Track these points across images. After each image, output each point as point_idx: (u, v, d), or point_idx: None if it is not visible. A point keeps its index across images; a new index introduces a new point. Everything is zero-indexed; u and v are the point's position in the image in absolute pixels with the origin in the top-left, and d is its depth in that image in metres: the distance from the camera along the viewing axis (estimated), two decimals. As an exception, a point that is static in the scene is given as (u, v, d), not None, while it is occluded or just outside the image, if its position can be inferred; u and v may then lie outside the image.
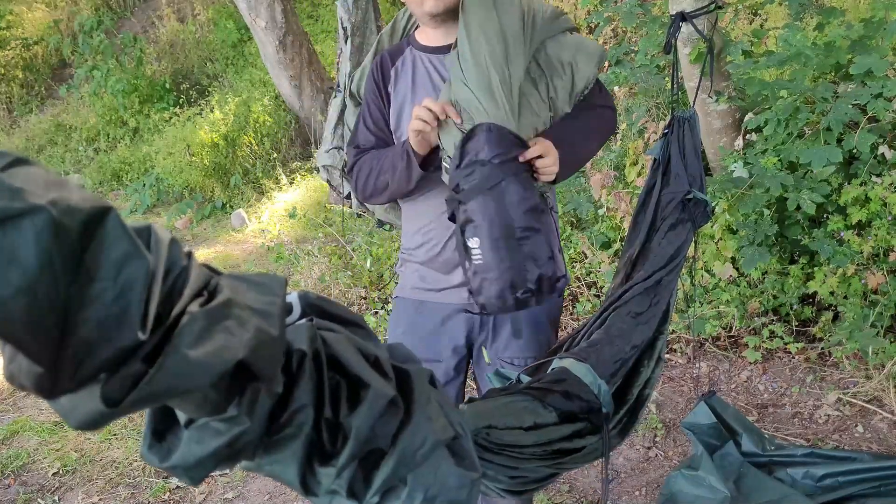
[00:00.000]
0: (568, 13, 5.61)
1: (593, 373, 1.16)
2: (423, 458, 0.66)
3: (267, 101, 7.14)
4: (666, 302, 1.33)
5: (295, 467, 0.61)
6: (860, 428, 2.59)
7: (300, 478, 0.62)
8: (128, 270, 0.43)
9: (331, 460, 0.62)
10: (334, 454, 0.62)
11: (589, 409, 1.12)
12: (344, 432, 0.62)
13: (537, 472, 1.05)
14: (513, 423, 1.01)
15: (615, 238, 3.52)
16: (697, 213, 1.44)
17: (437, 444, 0.68)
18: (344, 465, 0.62)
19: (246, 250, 5.71)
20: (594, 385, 1.15)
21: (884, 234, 2.66)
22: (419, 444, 0.66)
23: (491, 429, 0.96)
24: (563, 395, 1.11)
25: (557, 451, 1.06)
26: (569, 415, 1.09)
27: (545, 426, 1.05)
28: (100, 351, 0.43)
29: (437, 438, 0.67)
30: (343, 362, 0.62)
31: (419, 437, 0.66)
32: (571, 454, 1.09)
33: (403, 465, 0.65)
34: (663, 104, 3.95)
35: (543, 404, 1.08)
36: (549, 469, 1.06)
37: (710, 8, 1.69)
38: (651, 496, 2.47)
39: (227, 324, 0.49)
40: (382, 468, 0.65)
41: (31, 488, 3.02)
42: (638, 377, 1.25)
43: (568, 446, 1.08)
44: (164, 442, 0.57)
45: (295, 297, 0.64)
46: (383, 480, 0.65)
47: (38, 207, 0.40)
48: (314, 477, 0.63)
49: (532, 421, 1.03)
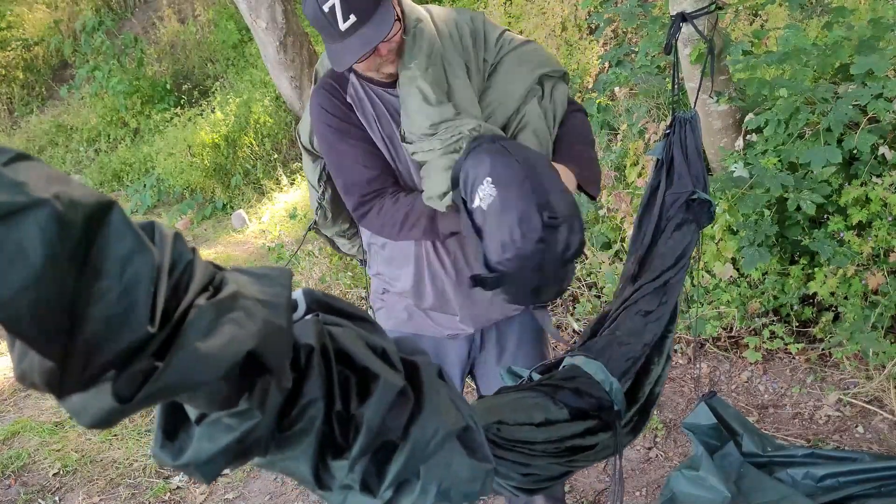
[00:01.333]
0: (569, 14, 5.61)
1: (605, 370, 1.16)
2: (435, 448, 0.66)
3: (267, 101, 7.15)
4: (674, 301, 1.34)
5: (308, 462, 0.61)
6: (861, 428, 2.59)
7: (314, 472, 0.62)
8: (134, 266, 0.43)
9: (343, 453, 0.62)
10: (347, 447, 0.62)
11: (600, 407, 1.12)
12: (355, 425, 0.61)
13: (550, 470, 1.03)
14: (523, 419, 1.00)
15: (615, 239, 3.52)
16: (701, 214, 1.45)
17: (449, 434, 0.67)
18: (357, 457, 0.62)
19: (247, 251, 5.71)
20: (606, 382, 1.14)
21: (884, 235, 2.66)
22: (431, 434, 0.66)
23: (502, 424, 0.96)
24: (574, 392, 1.10)
25: (569, 449, 1.05)
26: (580, 412, 1.08)
27: (556, 423, 1.04)
28: (108, 347, 0.43)
29: (448, 429, 0.67)
30: (351, 355, 0.62)
31: (431, 428, 0.66)
32: (584, 451, 1.08)
33: (416, 457, 0.65)
34: (664, 105, 3.95)
35: (554, 401, 1.07)
36: (561, 467, 1.05)
37: (710, 8, 1.69)
38: (652, 496, 2.47)
39: (235, 315, 0.48)
40: (395, 461, 0.64)
41: (31, 489, 3.02)
42: (648, 375, 1.25)
43: (580, 443, 1.07)
44: (176, 440, 0.57)
45: (300, 293, 0.64)
46: (396, 473, 0.64)
47: (42, 201, 0.39)
48: (328, 471, 0.63)
49: (543, 417, 1.02)
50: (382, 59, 1.45)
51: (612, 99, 4.32)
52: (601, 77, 4.13)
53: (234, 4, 6.39)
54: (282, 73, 6.18)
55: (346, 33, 1.37)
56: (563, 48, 5.59)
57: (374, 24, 1.37)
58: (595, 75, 4.88)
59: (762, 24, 4.54)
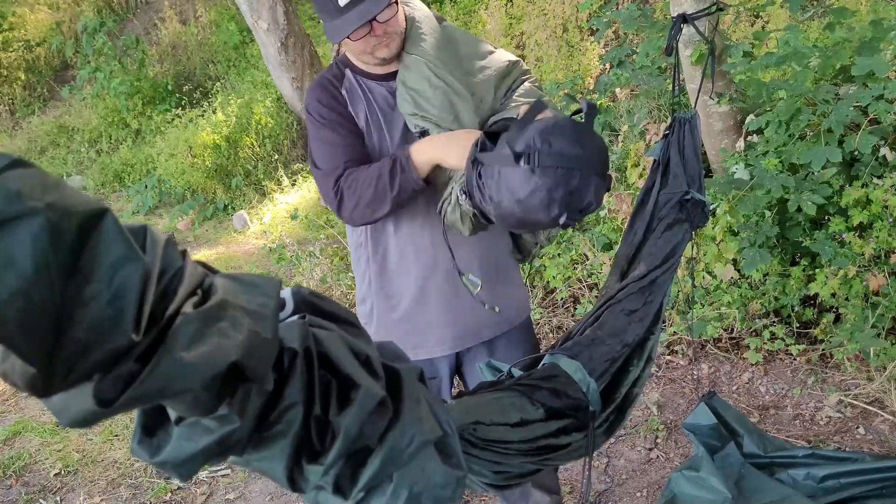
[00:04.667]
0: (570, 16, 5.61)
1: (583, 370, 1.17)
2: (409, 457, 0.67)
3: (269, 102, 7.15)
4: (659, 302, 1.33)
5: (283, 464, 0.62)
6: (861, 429, 2.59)
7: (287, 474, 0.63)
8: (123, 273, 0.44)
9: (319, 458, 0.63)
10: (322, 452, 0.62)
11: (576, 407, 1.13)
12: (333, 431, 0.62)
13: (522, 468, 1.05)
14: (500, 419, 1.01)
15: (616, 239, 3.52)
16: (695, 214, 1.45)
17: (424, 443, 0.68)
18: (332, 464, 0.62)
19: (248, 252, 5.72)
20: (583, 383, 1.15)
21: (885, 236, 2.66)
22: (407, 443, 0.66)
23: (478, 424, 0.97)
24: (551, 392, 1.12)
25: (543, 448, 1.07)
26: (556, 412, 1.10)
27: (532, 422, 1.05)
28: (93, 351, 0.43)
29: (425, 437, 0.68)
30: (334, 361, 0.62)
31: (407, 437, 0.66)
32: (557, 451, 1.10)
33: (390, 464, 0.66)
34: (665, 106, 3.95)
35: (531, 400, 1.08)
36: (533, 465, 1.07)
37: (711, 10, 1.70)
38: (652, 497, 2.47)
39: (221, 325, 0.49)
40: (369, 466, 0.65)
41: (32, 489, 3.03)
42: (626, 376, 1.25)
43: (553, 443, 1.09)
44: (155, 438, 0.58)
45: (288, 293, 0.64)
46: (369, 478, 0.65)
47: (35, 211, 0.40)
48: (302, 474, 0.64)
49: (519, 417, 1.04)
50: (377, 40, 1.49)
51: (613, 100, 4.33)
52: (602, 78, 4.13)
53: (236, 5, 6.40)
54: (283, 74, 6.18)
55: (344, 8, 1.44)
56: (564, 49, 5.60)
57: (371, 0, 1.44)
58: (596, 76, 4.89)
59: (763, 25, 4.55)
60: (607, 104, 4.08)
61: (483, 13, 6.42)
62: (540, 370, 1.18)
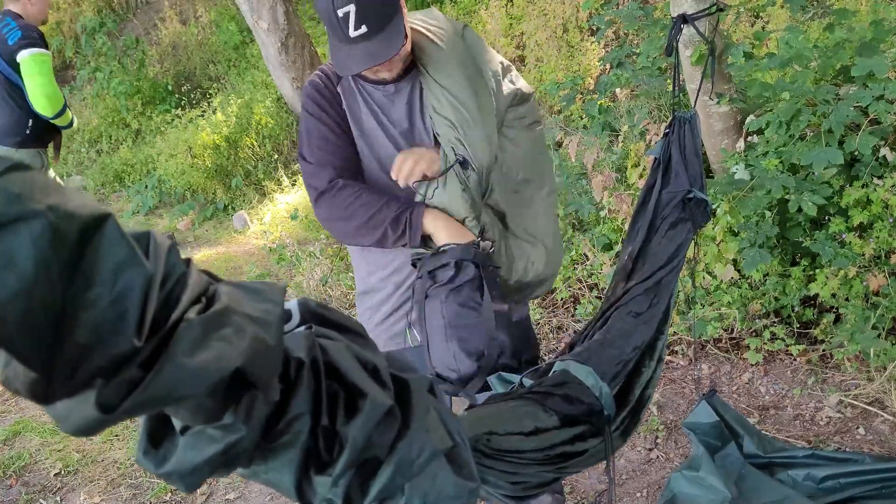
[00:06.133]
0: (570, 16, 5.61)
1: (595, 375, 1.16)
2: (420, 468, 0.66)
3: (269, 102, 7.15)
4: (666, 302, 1.33)
5: (291, 475, 0.61)
6: (862, 430, 2.59)
7: (296, 485, 0.62)
8: (125, 277, 0.43)
9: (327, 469, 0.62)
10: (331, 463, 0.62)
11: (590, 412, 1.12)
12: (341, 441, 0.61)
13: (539, 477, 1.04)
14: (513, 428, 1.00)
15: (617, 240, 3.52)
16: (697, 213, 1.45)
17: (435, 454, 0.67)
18: (340, 475, 0.62)
19: (248, 252, 5.71)
20: (595, 387, 1.14)
21: (885, 237, 2.66)
22: (416, 453, 0.66)
23: (492, 435, 0.96)
24: (564, 398, 1.10)
25: (560, 455, 1.06)
26: (570, 418, 1.09)
27: (546, 430, 1.04)
28: (95, 356, 0.43)
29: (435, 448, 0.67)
30: (341, 371, 0.62)
31: (416, 447, 0.66)
32: (574, 458, 1.08)
33: (400, 475, 0.65)
34: (665, 106, 3.95)
35: (545, 408, 1.07)
36: (551, 473, 1.06)
37: (711, 10, 1.70)
38: (652, 497, 2.47)
39: (225, 332, 0.48)
40: (379, 477, 0.64)
41: (32, 489, 3.03)
42: (639, 378, 1.25)
43: (570, 450, 1.07)
44: (160, 448, 0.57)
45: (295, 304, 0.64)
46: (379, 489, 0.64)
47: (36, 212, 0.40)
48: (310, 485, 0.63)
49: (533, 426, 1.03)
50: (381, 66, 1.49)
51: (613, 100, 4.32)
52: (602, 78, 4.13)
53: (236, 6, 6.40)
54: (283, 75, 6.18)
55: (354, 40, 1.40)
56: (565, 49, 5.60)
57: (382, 39, 1.41)
58: (596, 77, 4.89)
59: (763, 25, 4.55)
60: (607, 104, 4.08)
61: (483, 13, 6.42)
62: (551, 377, 1.17)
